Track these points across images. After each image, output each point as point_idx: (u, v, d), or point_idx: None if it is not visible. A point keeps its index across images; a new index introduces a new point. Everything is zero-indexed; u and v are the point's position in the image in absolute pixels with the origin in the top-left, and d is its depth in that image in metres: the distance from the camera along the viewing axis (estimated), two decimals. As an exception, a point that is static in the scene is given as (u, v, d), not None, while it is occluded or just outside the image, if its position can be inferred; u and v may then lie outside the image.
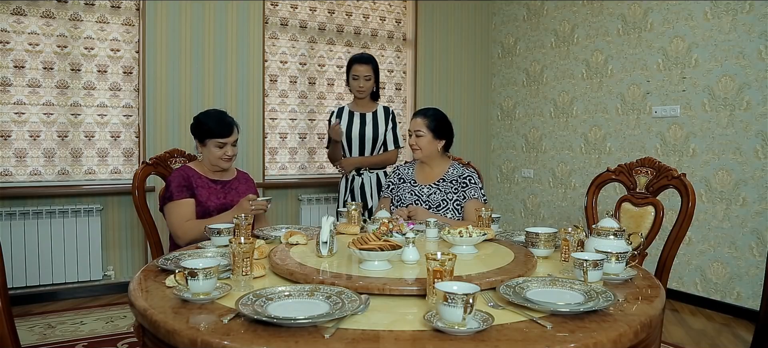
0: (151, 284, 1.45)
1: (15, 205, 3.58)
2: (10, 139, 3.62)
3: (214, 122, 2.37)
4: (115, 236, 3.92)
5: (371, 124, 3.27)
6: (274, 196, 4.42)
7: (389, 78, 4.94)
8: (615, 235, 1.65)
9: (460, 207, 2.56)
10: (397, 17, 4.95)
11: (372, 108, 3.33)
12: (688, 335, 3.23)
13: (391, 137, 3.32)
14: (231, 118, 2.43)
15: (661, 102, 3.96)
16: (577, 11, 4.55)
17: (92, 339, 3.01)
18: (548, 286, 1.38)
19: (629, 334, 1.13)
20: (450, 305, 1.07)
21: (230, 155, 2.40)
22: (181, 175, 2.35)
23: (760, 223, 3.42)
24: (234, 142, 2.41)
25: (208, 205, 2.34)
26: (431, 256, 1.24)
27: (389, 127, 3.31)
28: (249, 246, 1.40)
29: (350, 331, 1.09)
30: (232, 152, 2.41)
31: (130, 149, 3.95)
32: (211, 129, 2.35)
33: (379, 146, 3.30)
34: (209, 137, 2.36)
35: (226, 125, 2.38)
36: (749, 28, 3.44)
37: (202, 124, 2.38)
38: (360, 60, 3.24)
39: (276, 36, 4.41)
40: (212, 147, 2.37)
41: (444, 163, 2.66)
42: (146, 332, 1.27)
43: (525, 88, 5.07)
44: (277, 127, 4.47)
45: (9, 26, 3.56)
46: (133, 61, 3.92)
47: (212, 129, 2.35)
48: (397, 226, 1.82)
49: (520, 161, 5.15)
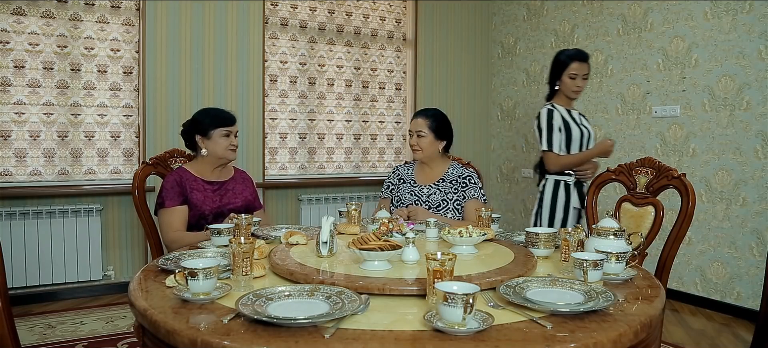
0: (151, 284, 1.44)
1: (15, 205, 3.58)
2: (10, 139, 3.62)
3: (215, 113, 2.40)
4: (115, 236, 3.92)
5: (580, 124, 2.90)
6: (274, 196, 4.43)
7: (389, 78, 4.94)
8: (615, 235, 1.65)
9: (460, 207, 2.55)
10: (397, 17, 4.95)
11: (573, 106, 2.96)
12: (688, 335, 3.23)
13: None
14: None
15: (661, 102, 3.96)
16: (577, 11, 4.55)
17: (92, 339, 3.01)
18: (548, 286, 1.38)
19: (629, 334, 1.13)
20: (450, 305, 1.07)
21: (235, 144, 2.41)
22: (174, 179, 2.32)
23: (760, 223, 3.42)
24: (236, 132, 2.43)
25: (203, 208, 2.31)
26: (431, 256, 1.24)
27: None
28: (249, 246, 1.40)
29: (350, 331, 1.09)
30: (236, 142, 2.42)
31: (130, 149, 3.95)
32: (216, 119, 2.36)
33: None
34: (214, 127, 2.35)
35: (228, 114, 2.41)
36: (749, 28, 3.44)
37: (205, 118, 2.38)
38: (581, 57, 2.83)
39: (276, 36, 4.41)
40: (218, 138, 2.36)
41: (444, 164, 2.66)
42: (146, 332, 1.27)
43: (525, 88, 5.07)
44: (277, 127, 4.47)
45: (9, 26, 3.56)
46: (133, 61, 3.92)
47: (217, 119, 2.36)
48: (397, 226, 1.81)
49: (520, 161, 5.15)
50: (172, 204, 2.27)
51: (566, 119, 2.86)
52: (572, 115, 2.91)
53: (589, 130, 2.93)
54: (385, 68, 4.91)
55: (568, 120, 2.86)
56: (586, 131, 2.91)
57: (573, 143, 2.85)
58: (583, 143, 2.88)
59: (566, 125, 2.84)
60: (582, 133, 2.88)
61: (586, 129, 2.91)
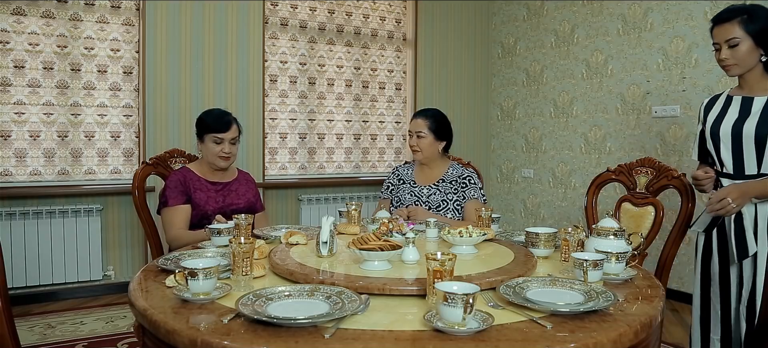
0: (151, 284, 1.45)
1: (15, 205, 3.58)
2: (10, 139, 3.61)
3: (212, 117, 2.39)
4: (115, 236, 3.92)
5: (761, 115, 1.88)
6: (274, 196, 4.43)
7: (389, 78, 4.94)
8: (615, 235, 1.65)
9: (460, 207, 2.55)
10: (397, 17, 4.95)
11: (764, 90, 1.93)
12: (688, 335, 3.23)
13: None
14: (232, 117, 2.43)
15: (661, 102, 3.96)
16: (577, 11, 4.55)
17: (92, 339, 3.01)
18: (548, 286, 1.38)
19: (629, 334, 1.13)
20: (450, 305, 1.07)
21: (227, 152, 2.37)
22: (178, 178, 2.34)
23: (760, 223, 3.42)
24: (232, 139, 2.38)
25: (206, 208, 2.33)
26: (431, 256, 1.24)
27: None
28: (249, 246, 1.40)
29: (350, 331, 1.09)
30: (230, 150, 2.38)
31: (130, 149, 3.95)
32: (209, 124, 2.36)
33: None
34: (207, 132, 2.36)
35: (224, 121, 2.37)
36: (749, 28, 3.44)
37: (202, 120, 2.40)
38: (714, 21, 1.96)
39: (276, 36, 4.41)
40: (209, 143, 2.36)
41: (443, 164, 2.66)
42: (146, 332, 1.27)
43: (525, 88, 5.07)
44: (277, 127, 4.47)
45: (9, 26, 3.56)
46: (133, 61, 3.92)
47: (210, 124, 2.36)
48: (397, 226, 1.81)
49: (520, 161, 5.15)
50: (175, 203, 2.28)
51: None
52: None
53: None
54: (385, 68, 4.91)
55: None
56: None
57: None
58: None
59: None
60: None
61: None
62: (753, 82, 1.94)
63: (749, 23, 1.86)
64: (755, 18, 1.86)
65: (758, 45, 1.87)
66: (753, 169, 1.90)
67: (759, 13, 1.87)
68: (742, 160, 1.92)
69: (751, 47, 1.87)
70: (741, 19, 1.87)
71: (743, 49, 1.88)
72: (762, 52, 1.88)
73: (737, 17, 1.88)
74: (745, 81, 1.96)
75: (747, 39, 1.87)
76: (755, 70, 1.92)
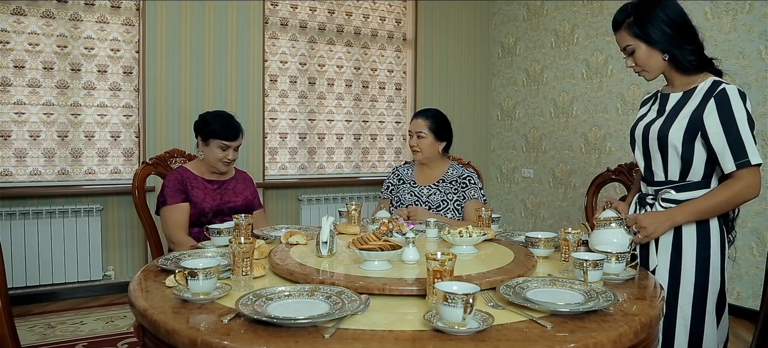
0: (151, 284, 1.45)
1: (15, 205, 3.58)
2: (10, 139, 3.61)
3: (221, 124, 2.37)
4: (115, 236, 3.92)
5: (668, 114, 1.77)
6: (274, 196, 4.43)
7: (389, 78, 4.94)
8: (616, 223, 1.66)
9: (460, 207, 2.55)
10: (397, 17, 4.95)
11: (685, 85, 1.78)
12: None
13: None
14: (238, 123, 2.43)
15: (661, 102, 3.95)
16: (577, 11, 4.55)
17: (92, 339, 3.01)
18: (548, 286, 1.38)
19: (629, 334, 1.13)
20: (450, 305, 1.07)
21: (231, 159, 2.41)
22: (176, 178, 2.35)
23: (760, 223, 3.42)
24: (237, 147, 2.41)
25: (204, 206, 2.34)
26: (431, 256, 1.24)
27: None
28: (249, 246, 1.40)
29: (350, 331, 1.09)
30: (234, 157, 2.41)
31: (130, 149, 3.95)
32: (216, 130, 2.35)
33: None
34: (214, 138, 2.36)
35: (232, 129, 2.38)
36: (749, 28, 3.44)
37: (209, 124, 2.38)
38: (613, 25, 1.82)
39: (276, 36, 4.41)
40: (215, 148, 2.37)
41: (443, 164, 2.66)
42: (146, 332, 1.27)
43: (525, 88, 5.07)
44: (277, 127, 4.47)
45: (9, 26, 3.56)
46: (133, 61, 3.92)
47: (218, 131, 2.35)
48: (397, 226, 1.81)
49: (520, 161, 5.15)
50: (174, 201, 2.30)
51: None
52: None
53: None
54: (385, 68, 4.91)
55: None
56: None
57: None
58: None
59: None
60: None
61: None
62: (674, 79, 1.75)
63: (635, 26, 1.65)
64: (639, 17, 1.64)
65: (653, 47, 1.65)
66: (661, 176, 1.70)
67: (642, 10, 1.64)
68: (651, 164, 1.73)
69: (647, 51, 1.66)
70: (628, 23, 1.67)
71: (641, 55, 1.67)
72: (661, 53, 1.66)
73: (625, 21, 1.68)
74: (669, 79, 1.77)
75: (639, 44, 1.66)
76: (670, 69, 1.70)
